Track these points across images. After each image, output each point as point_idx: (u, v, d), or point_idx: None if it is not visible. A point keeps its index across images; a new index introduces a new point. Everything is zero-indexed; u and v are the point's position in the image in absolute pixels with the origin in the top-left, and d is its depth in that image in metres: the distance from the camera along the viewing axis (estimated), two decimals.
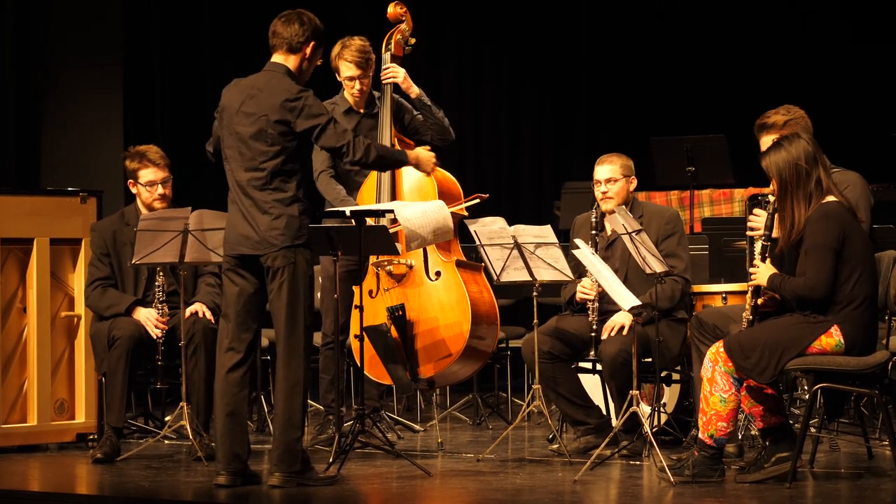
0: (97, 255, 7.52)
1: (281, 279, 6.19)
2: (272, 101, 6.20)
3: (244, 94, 6.29)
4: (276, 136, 6.20)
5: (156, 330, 7.32)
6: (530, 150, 12.59)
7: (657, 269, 6.72)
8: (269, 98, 6.21)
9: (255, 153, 6.22)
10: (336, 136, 6.24)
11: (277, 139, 6.20)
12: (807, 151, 6.16)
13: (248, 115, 6.24)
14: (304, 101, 6.20)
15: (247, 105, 6.26)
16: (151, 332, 7.32)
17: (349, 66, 7.67)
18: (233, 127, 6.29)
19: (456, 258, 7.45)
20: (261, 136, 6.21)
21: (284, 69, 6.30)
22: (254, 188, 6.22)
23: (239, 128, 6.26)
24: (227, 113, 6.33)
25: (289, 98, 6.19)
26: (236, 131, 6.27)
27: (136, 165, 7.50)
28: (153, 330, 7.32)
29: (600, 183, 7.36)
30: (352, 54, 7.65)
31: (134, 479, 6.61)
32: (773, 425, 6.23)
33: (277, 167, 6.21)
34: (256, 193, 6.22)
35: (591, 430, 7.26)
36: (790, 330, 6.09)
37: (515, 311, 9.81)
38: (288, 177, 6.22)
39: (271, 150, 6.21)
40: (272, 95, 6.21)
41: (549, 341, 7.25)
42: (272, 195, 6.20)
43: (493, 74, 12.51)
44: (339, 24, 10.29)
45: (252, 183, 6.22)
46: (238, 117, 6.27)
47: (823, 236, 6.05)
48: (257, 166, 6.22)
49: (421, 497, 6.16)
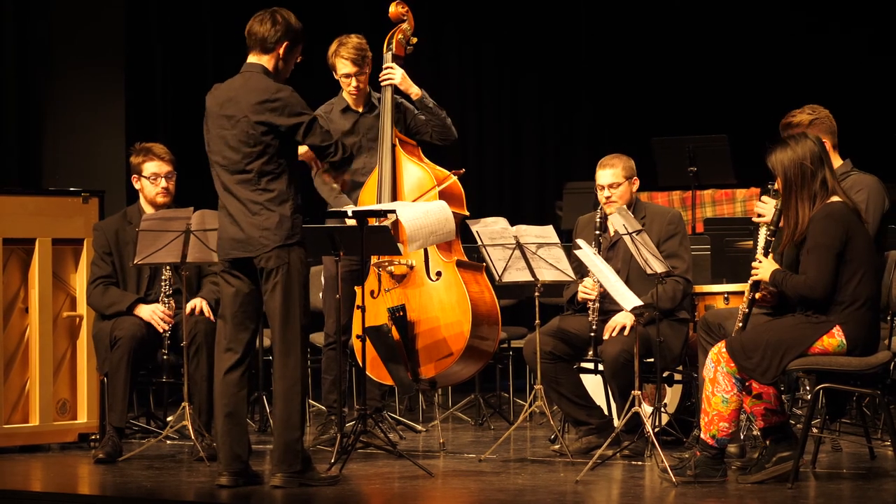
0: (99, 254, 7.52)
1: (275, 280, 6.18)
2: (250, 102, 6.18)
3: (223, 97, 6.28)
4: (258, 137, 6.18)
5: (162, 324, 7.32)
6: (532, 150, 12.60)
7: (658, 270, 6.73)
8: (246, 99, 6.19)
9: (240, 155, 6.20)
10: (322, 135, 6.24)
11: (259, 139, 6.18)
12: (812, 151, 6.17)
13: (228, 119, 6.23)
14: (283, 99, 6.19)
15: (226, 108, 6.24)
16: (158, 326, 7.32)
17: (345, 63, 7.67)
18: (216, 131, 6.28)
19: (457, 258, 7.44)
20: (242, 137, 6.19)
21: (260, 68, 6.28)
22: (242, 190, 6.20)
23: (221, 131, 6.25)
24: (210, 118, 6.32)
25: (268, 98, 6.18)
26: (219, 135, 6.26)
27: (141, 159, 7.53)
28: (159, 324, 7.32)
29: (603, 188, 7.36)
30: (348, 52, 7.65)
31: (136, 480, 6.61)
32: (773, 425, 6.23)
33: (263, 167, 6.19)
34: (245, 195, 6.20)
35: (592, 431, 7.26)
36: (792, 330, 6.09)
37: (517, 312, 9.81)
38: (276, 176, 6.21)
39: (254, 151, 6.19)
40: (249, 96, 6.19)
41: (550, 341, 7.26)
42: (261, 196, 6.19)
43: (494, 74, 12.51)
44: (340, 23, 10.29)
45: (239, 185, 6.21)
46: (220, 121, 6.26)
47: (825, 236, 6.05)
48: (243, 168, 6.21)
49: (423, 497, 6.16)
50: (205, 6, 11.02)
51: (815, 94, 11.31)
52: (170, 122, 10.68)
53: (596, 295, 7.19)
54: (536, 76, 12.56)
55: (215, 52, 10.90)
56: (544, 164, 12.60)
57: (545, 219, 8.48)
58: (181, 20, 10.87)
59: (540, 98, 12.61)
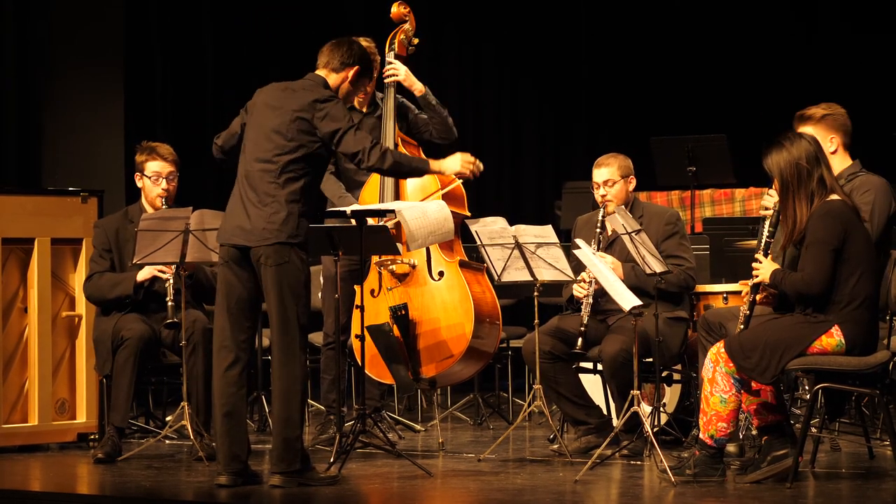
0: (98, 251, 7.52)
1: (275, 278, 6.18)
2: (302, 99, 6.27)
3: (278, 90, 6.37)
4: (296, 132, 6.23)
5: (163, 275, 7.30)
6: (531, 149, 12.59)
7: (657, 269, 6.73)
8: (300, 96, 6.28)
9: (272, 145, 6.24)
10: (354, 142, 6.28)
11: (297, 135, 6.23)
12: (808, 151, 6.16)
13: (274, 109, 6.30)
14: (331, 105, 6.27)
15: (277, 99, 6.32)
16: (163, 275, 7.30)
17: None
18: (258, 118, 6.33)
19: (459, 258, 7.44)
20: (282, 128, 6.24)
21: (323, 81, 6.39)
22: (260, 179, 6.22)
23: (263, 119, 6.31)
24: (256, 107, 6.39)
25: (318, 99, 6.26)
26: (259, 122, 6.31)
27: (145, 157, 7.54)
28: (164, 273, 7.30)
29: (599, 186, 7.37)
30: None
31: (135, 479, 6.61)
32: (770, 423, 6.23)
33: (289, 163, 6.21)
34: (262, 185, 6.22)
35: (591, 430, 7.26)
36: (791, 330, 6.10)
37: (516, 311, 9.80)
38: (297, 176, 6.23)
39: (288, 146, 6.23)
40: (304, 94, 6.28)
41: (549, 341, 7.26)
42: (277, 190, 6.20)
43: (493, 74, 12.51)
44: (340, 23, 10.30)
45: (260, 173, 6.23)
46: (265, 110, 6.33)
47: (824, 233, 6.06)
48: (270, 158, 6.23)
49: (422, 497, 6.16)
50: (205, 6, 11.02)
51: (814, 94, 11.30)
52: (169, 121, 10.68)
53: (590, 290, 7.19)
54: (536, 76, 12.55)
55: (215, 52, 10.89)
56: (544, 164, 12.60)
57: (544, 219, 8.48)
58: (181, 20, 10.87)
59: (539, 98, 12.60)
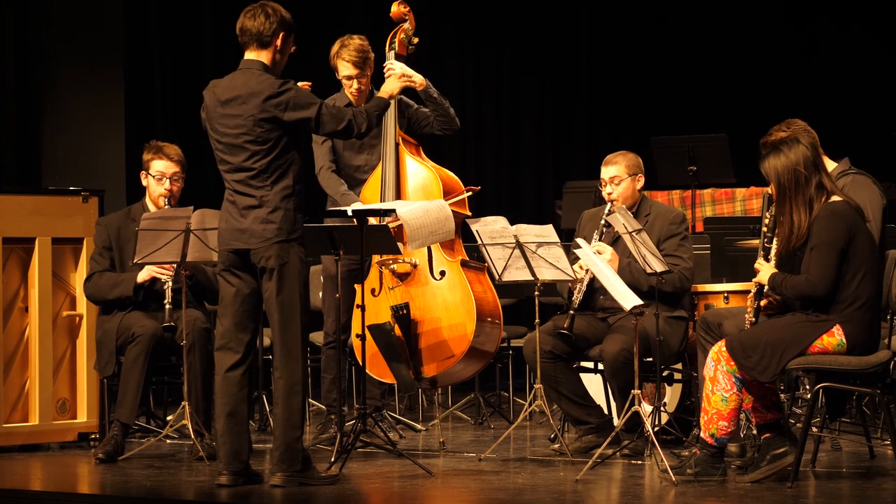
0: (99, 249, 7.52)
1: (275, 278, 6.17)
2: (256, 102, 6.16)
3: (224, 95, 6.25)
4: (264, 134, 6.17)
5: (164, 276, 7.30)
6: (531, 149, 12.59)
7: (657, 269, 6.74)
8: (252, 99, 6.17)
9: (247, 153, 6.20)
10: (335, 120, 6.24)
11: (266, 137, 6.17)
12: (806, 157, 6.16)
13: (232, 118, 6.21)
14: (287, 94, 6.17)
15: (230, 108, 6.22)
16: (162, 276, 7.30)
17: (346, 65, 7.67)
18: (219, 129, 6.26)
19: (460, 258, 7.44)
20: (250, 137, 6.18)
21: (260, 64, 6.25)
22: (248, 186, 6.20)
23: (226, 130, 6.23)
24: (212, 118, 6.30)
25: (272, 94, 6.16)
26: (224, 133, 6.24)
27: (151, 156, 7.54)
28: (163, 275, 7.29)
29: (605, 183, 7.37)
30: (349, 54, 7.64)
31: (136, 479, 6.62)
32: (768, 421, 6.24)
33: (271, 163, 6.18)
34: (250, 190, 6.20)
35: (592, 430, 7.26)
36: (792, 329, 6.09)
37: (517, 311, 9.81)
38: (282, 172, 6.20)
39: (262, 149, 6.19)
40: (255, 95, 6.17)
41: (550, 341, 7.26)
42: (268, 191, 6.18)
43: (493, 73, 12.51)
44: (340, 23, 10.29)
45: (247, 181, 6.20)
46: (223, 120, 6.24)
47: (829, 234, 6.05)
48: (251, 166, 6.20)
49: (422, 496, 6.16)
50: (204, 6, 11.02)
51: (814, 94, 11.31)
52: (169, 121, 10.68)
53: (585, 276, 7.20)
54: (536, 76, 12.56)
55: (214, 51, 10.89)
56: (544, 164, 12.60)
57: (545, 218, 8.48)
58: (181, 20, 10.87)
59: (540, 97, 12.60)
